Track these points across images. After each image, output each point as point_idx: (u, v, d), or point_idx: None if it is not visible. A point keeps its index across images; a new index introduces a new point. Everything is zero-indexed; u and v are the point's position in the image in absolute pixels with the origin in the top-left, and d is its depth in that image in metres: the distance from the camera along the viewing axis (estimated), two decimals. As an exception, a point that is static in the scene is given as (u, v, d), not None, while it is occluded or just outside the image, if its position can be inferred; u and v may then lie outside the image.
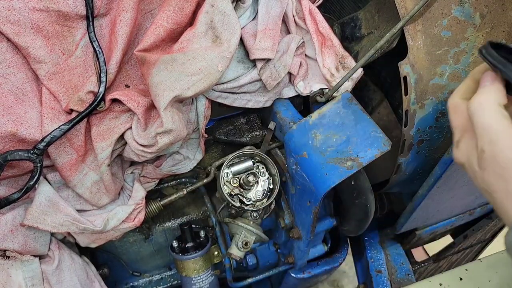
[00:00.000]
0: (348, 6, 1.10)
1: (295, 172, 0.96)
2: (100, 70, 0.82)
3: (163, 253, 1.23)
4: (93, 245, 1.01)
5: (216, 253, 1.18)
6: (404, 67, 0.84)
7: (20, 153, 0.79)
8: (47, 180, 0.91)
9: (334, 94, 0.97)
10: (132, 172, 1.01)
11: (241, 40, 0.93)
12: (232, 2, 0.89)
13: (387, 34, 0.86)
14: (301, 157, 0.92)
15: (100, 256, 1.18)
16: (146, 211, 1.04)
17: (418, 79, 0.85)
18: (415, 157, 0.96)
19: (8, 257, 0.89)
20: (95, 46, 0.82)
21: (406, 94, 0.86)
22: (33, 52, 0.78)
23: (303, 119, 0.96)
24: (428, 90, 0.86)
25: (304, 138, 0.94)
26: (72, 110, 0.83)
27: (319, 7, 1.00)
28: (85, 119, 0.84)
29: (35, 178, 0.81)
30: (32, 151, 0.79)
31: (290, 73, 1.00)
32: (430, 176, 0.96)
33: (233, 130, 1.10)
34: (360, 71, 0.95)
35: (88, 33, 0.82)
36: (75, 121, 0.81)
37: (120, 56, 0.84)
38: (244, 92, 0.99)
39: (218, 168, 1.06)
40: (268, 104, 1.05)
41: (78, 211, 0.93)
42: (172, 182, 1.13)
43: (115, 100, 0.86)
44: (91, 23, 0.81)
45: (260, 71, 0.95)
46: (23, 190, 0.81)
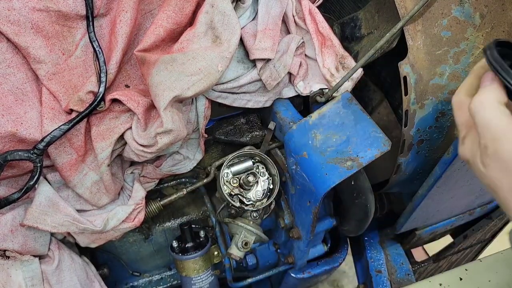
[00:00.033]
0: (348, 6, 1.10)
1: (295, 172, 0.96)
2: (100, 70, 0.82)
3: (163, 253, 1.23)
4: (93, 245, 1.01)
5: (216, 253, 1.18)
6: (404, 67, 0.84)
7: (20, 153, 0.79)
8: (47, 180, 0.91)
9: (334, 94, 0.97)
10: (132, 172, 1.01)
11: (241, 40, 0.93)
12: (232, 2, 0.89)
13: (387, 34, 0.86)
14: (301, 157, 0.92)
15: (100, 256, 1.17)
16: (146, 211, 1.04)
17: (418, 79, 0.85)
18: (415, 157, 0.96)
19: (8, 257, 0.89)
20: (95, 46, 0.82)
21: (406, 94, 0.86)
22: (33, 52, 0.78)
23: (303, 119, 0.96)
24: (428, 90, 0.86)
25: (304, 138, 0.94)
26: (72, 110, 0.83)
27: (319, 7, 1.00)
28: (85, 119, 0.84)
29: (35, 178, 0.81)
30: (32, 151, 0.79)
31: (290, 73, 1.00)
32: (430, 176, 0.96)
33: (233, 130, 1.10)
34: (360, 71, 0.95)
35: (88, 33, 0.82)
36: (75, 121, 0.81)
37: (120, 56, 0.84)
38: (244, 92, 0.99)
39: (218, 168, 1.06)
40: (268, 104, 1.05)
41: (78, 211, 0.93)
42: (172, 182, 1.13)
43: (115, 100, 0.86)
44: (91, 23, 0.81)
45: (260, 71, 0.95)
46: (23, 190, 0.81)
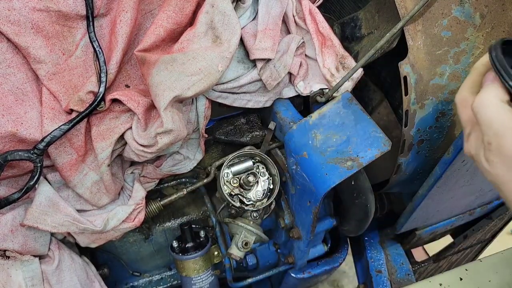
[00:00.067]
0: (348, 6, 1.10)
1: (295, 172, 0.96)
2: (100, 70, 0.82)
3: (163, 253, 1.23)
4: (93, 245, 1.01)
5: (216, 253, 1.18)
6: (404, 67, 0.84)
7: (20, 153, 0.79)
8: (47, 180, 0.91)
9: (334, 94, 0.97)
10: (132, 172, 1.01)
11: (241, 40, 0.93)
12: (232, 2, 0.89)
13: (387, 34, 0.86)
14: (301, 157, 0.92)
15: (100, 256, 1.17)
16: (146, 211, 1.04)
17: (418, 79, 0.85)
18: (415, 157, 0.96)
19: (8, 257, 0.89)
20: (95, 46, 0.82)
21: (406, 94, 0.86)
22: (33, 52, 0.78)
23: (303, 119, 0.96)
24: (428, 90, 0.86)
25: (304, 138, 0.94)
26: (72, 110, 0.83)
27: (319, 7, 1.00)
28: (85, 119, 0.84)
29: (35, 178, 0.81)
30: (32, 151, 0.79)
31: (290, 73, 1.00)
32: (430, 176, 0.96)
33: (233, 130, 1.10)
34: (360, 71, 0.95)
35: (88, 33, 0.82)
36: (75, 121, 0.81)
37: (120, 56, 0.84)
38: (244, 92, 0.99)
39: (218, 168, 1.06)
40: (268, 104, 1.05)
41: (78, 211, 0.93)
42: (172, 182, 1.13)
43: (115, 100, 0.86)
44: (91, 23, 0.81)
45: (260, 71, 0.95)
46: (23, 190, 0.81)
